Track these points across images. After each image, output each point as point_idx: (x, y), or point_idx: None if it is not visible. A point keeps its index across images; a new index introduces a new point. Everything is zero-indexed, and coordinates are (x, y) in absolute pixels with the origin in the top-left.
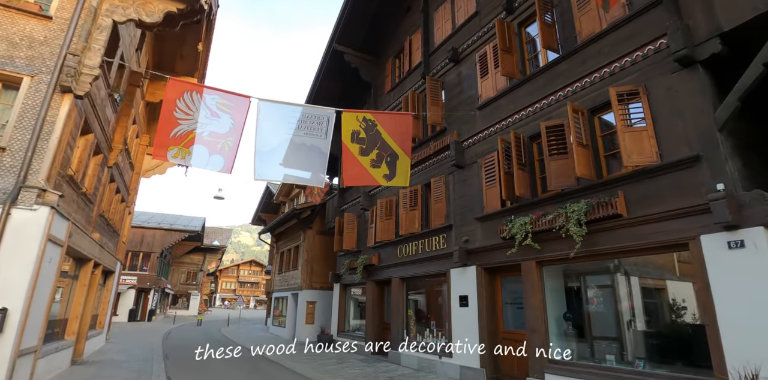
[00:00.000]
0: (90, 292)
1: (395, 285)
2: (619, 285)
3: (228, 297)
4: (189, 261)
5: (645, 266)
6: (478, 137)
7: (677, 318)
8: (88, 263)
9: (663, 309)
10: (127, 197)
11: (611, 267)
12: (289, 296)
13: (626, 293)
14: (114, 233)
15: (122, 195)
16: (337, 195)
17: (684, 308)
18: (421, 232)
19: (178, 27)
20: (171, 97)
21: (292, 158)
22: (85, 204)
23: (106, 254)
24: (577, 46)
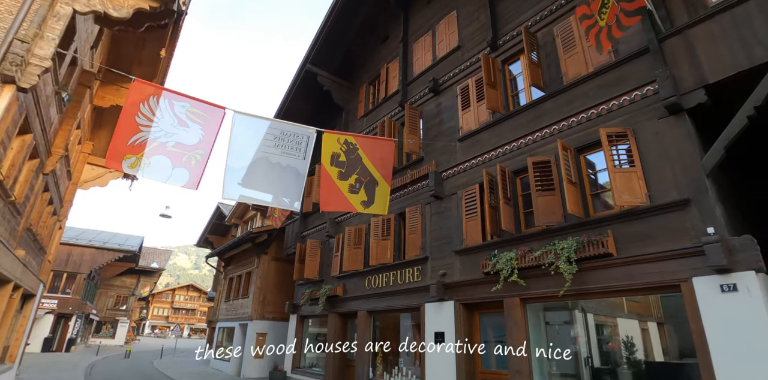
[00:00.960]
0: (4, 320)
1: (361, 319)
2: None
3: (159, 325)
4: (120, 284)
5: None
6: (458, 169)
7: (670, 358)
8: (7, 285)
9: (651, 347)
10: (60, 209)
11: (595, 305)
12: (237, 326)
13: (612, 332)
14: (40, 250)
15: (55, 207)
16: (299, 219)
17: (675, 347)
18: (393, 263)
19: (142, 28)
20: (134, 100)
21: (265, 178)
22: (11, 214)
23: (28, 274)
24: (563, 87)
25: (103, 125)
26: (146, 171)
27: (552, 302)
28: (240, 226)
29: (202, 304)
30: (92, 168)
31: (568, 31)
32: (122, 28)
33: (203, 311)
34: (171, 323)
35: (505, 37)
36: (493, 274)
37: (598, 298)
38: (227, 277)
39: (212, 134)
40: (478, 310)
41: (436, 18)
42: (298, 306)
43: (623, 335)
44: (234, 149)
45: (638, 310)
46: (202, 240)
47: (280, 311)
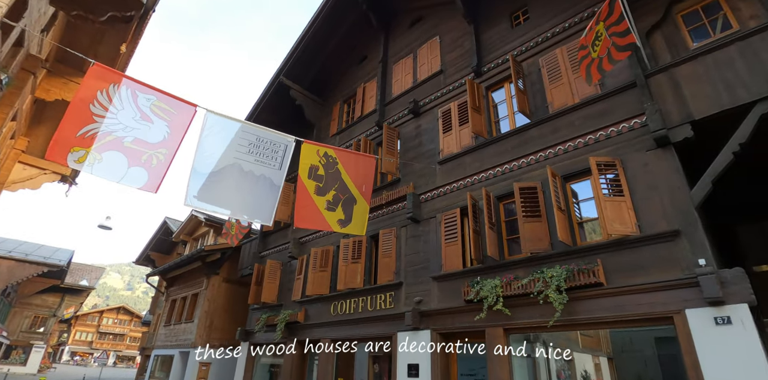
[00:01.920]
0: None
1: (324, 348)
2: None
3: (81, 351)
4: (40, 302)
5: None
6: (437, 192)
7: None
8: None
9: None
10: None
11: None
12: (177, 354)
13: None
14: None
15: None
16: (257, 238)
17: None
18: (363, 288)
19: (104, 17)
20: (91, 86)
21: (236, 186)
22: None
23: None
24: (549, 115)
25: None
26: (96, 167)
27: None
28: (189, 244)
29: (134, 329)
30: (24, 168)
31: (553, 62)
32: (81, 14)
33: (134, 337)
34: (95, 349)
35: (489, 64)
36: (476, 302)
37: (588, 329)
38: (169, 299)
39: (179, 133)
40: (454, 340)
41: (418, 42)
42: (251, 333)
43: (581, 369)
44: (202, 152)
45: (591, 345)
46: (143, 257)
47: (228, 337)
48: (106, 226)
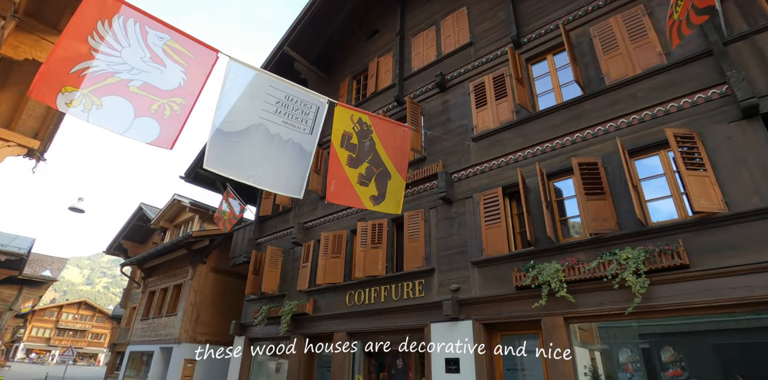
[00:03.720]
0: None
1: (339, 342)
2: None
3: (37, 348)
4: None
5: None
6: (473, 170)
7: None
8: None
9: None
10: None
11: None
12: (157, 351)
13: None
14: None
15: None
16: (253, 224)
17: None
18: (386, 276)
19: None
20: (90, 13)
21: (261, 151)
22: None
23: None
24: (606, 87)
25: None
26: (95, 115)
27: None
28: (170, 231)
29: (95, 325)
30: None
31: (607, 31)
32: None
33: (95, 333)
34: (53, 346)
35: (530, 35)
36: (534, 288)
37: (670, 316)
38: (147, 291)
39: (197, 81)
40: (499, 332)
41: (440, 14)
42: (248, 327)
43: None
44: (224, 107)
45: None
46: (114, 246)
47: (217, 333)
48: (78, 208)
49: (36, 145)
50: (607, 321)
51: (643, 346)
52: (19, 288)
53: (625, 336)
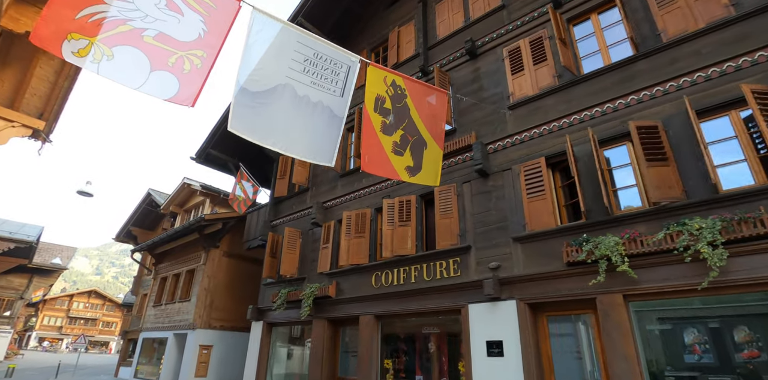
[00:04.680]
0: None
1: (365, 326)
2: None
3: (49, 337)
4: (5, 284)
5: None
6: (511, 140)
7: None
8: None
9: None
10: None
11: None
12: (171, 337)
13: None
14: None
15: None
16: (268, 206)
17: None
18: (416, 255)
19: None
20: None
21: (288, 114)
22: None
23: None
24: (663, 45)
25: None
26: (105, 67)
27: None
28: (180, 216)
29: (106, 313)
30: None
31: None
32: None
33: (106, 321)
34: (65, 334)
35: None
36: (590, 264)
37: (748, 292)
38: (158, 277)
39: (219, 33)
40: (549, 311)
41: None
42: (265, 311)
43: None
44: (247, 63)
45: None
46: (123, 233)
47: (231, 318)
48: (86, 192)
49: (41, 126)
50: (674, 298)
51: (713, 326)
52: (30, 276)
53: (691, 315)
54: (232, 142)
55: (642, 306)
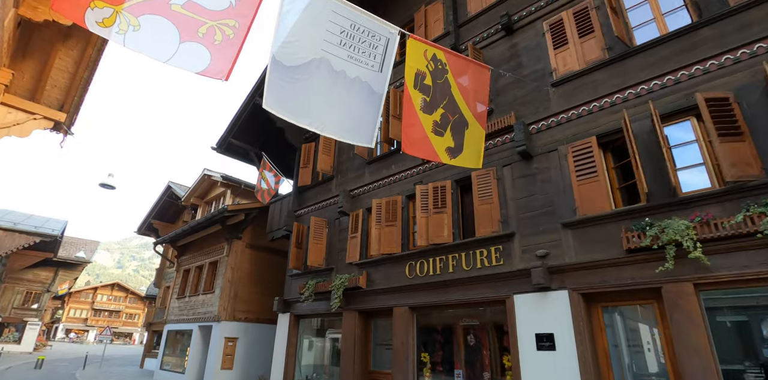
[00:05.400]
0: None
1: (400, 318)
2: None
3: (76, 329)
4: (32, 277)
5: None
6: (556, 119)
7: None
8: None
9: None
10: None
11: None
12: (196, 329)
13: None
14: None
15: None
16: (291, 196)
17: None
18: (453, 243)
19: None
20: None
21: (324, 91)
22: None
23: None
24: (730, 9)
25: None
26: (132, 37)
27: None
28: (201, 208)
29: (129, 305)
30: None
31: None
32: None
33: (129, 313)
34: (90, 326)
35: None
36: (655, 250)
37: None
38: (181, 269)
39: (251, 1)
40: (602, 302)
41: None
42: (292, 303)
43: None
44: (282, 34)
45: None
46: (145, 226)
47: (256, 310)
48: (109, 185)
49: (62, 118)
50: (754, 286)
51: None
52: (55, 270)
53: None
54: (253, 130)
55: (712, 295)
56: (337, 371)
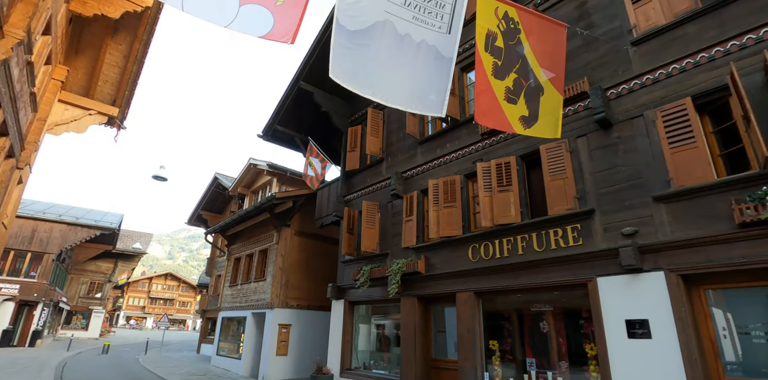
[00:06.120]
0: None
1: (464, 303)
2: None
3: (135, 316)
4: (95, 268)
5: None
6: (639, 81)
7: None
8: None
9: None
10: (20, 151)
11: None
12: (249, 316)
13: None
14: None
15: (12, 141)
16: (338, 182)
17: None
18: (522, 224)
19: None
20: None
21: (389, 57)
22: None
23: None
24: None
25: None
26: (190, 2)
27: None
28: (248, 197)
29: (181, 294)
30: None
31: None
32: None
33: (182, 301)
34: (147, 313)
35: None
36: None
37: None
38: (231, 258)
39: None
40: (704, 285)
41: None
42: (346, 290)
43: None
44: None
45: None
46: (194, 217)
47: (307, 297)
48: (161, 177)
49: (115, 112)
50: None
51: None
52: (115, 261)
53: None
54: (298, 116)
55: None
56: (393, 358)
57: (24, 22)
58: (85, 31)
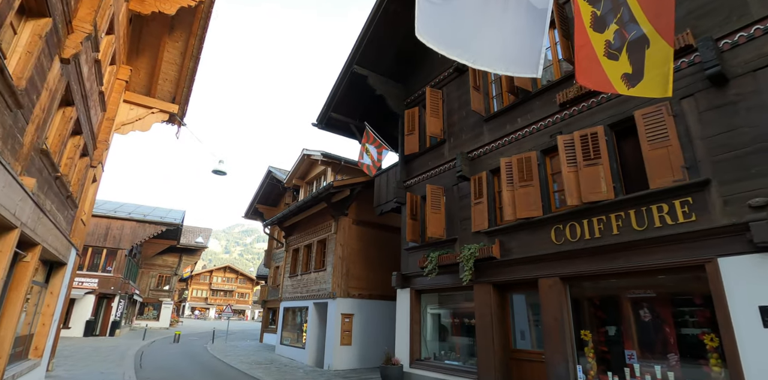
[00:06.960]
0: (15, 293)
1: (548, 290)
2: None
3: (198, 306)
4: (162, 263)
5: None
6: (762, 27)
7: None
8: (8, 234)
9: None
10: (93, 150)
11: None
12: (311, 306)
13: None
14: (68, 201)
15: (85, 140)
16: (397, 167)
17: None
18: (615, 200)
19: None
20: None
21: (476, 14)
22: (4, 107)
23: (51, 230)
24: None
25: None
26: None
27: None
28: (303, 188)
29: (240, 286)
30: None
31: None
32: None
33: (240, 293)
34: (210, 304)
35: None
36: None
37: None
38: (290, 249)
39: None
40: None
41: None
42: (411, 278)
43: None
44: None
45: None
46: (251, 211)
47: (368, 287)
48: (221, 171)
49: (175, 110)
50: None
51: None
52: (179, 256)
53: None
54: (352, 102)
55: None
56: (466, 348)
57: (90, 16)
58: (144, 31)
